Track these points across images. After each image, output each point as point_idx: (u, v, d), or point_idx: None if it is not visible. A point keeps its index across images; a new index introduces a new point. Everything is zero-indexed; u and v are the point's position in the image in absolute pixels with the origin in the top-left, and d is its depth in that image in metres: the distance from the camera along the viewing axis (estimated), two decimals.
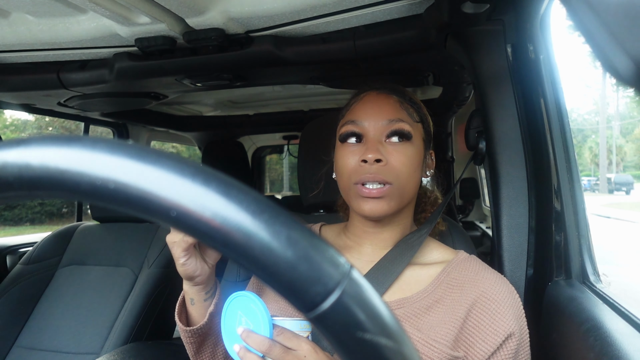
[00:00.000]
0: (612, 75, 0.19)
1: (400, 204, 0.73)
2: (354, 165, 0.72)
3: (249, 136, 3.23)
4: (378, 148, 0.71)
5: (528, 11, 0.80)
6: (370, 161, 0.70)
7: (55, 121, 10.42)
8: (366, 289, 0.22)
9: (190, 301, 0.73)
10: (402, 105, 0.75)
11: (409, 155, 0.73)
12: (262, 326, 0.61)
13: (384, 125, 0.73)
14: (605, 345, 0.53)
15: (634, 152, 36.91)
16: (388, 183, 0.70)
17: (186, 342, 0.75)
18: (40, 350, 1.53)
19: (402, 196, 0.73)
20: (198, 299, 0.72)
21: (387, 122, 0.73)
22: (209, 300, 0.73)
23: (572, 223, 0.76)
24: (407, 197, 0.74)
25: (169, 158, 0.22)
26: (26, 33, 1.01)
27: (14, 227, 9.63)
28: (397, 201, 0.72)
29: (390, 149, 0.72)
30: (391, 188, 0.70)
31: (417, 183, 0.76)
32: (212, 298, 0.73)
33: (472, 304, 0.67)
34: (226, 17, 0.92)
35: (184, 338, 0.74)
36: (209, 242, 0.21)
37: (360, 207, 0.72)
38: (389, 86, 0.79)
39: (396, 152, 0.72)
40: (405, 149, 0.73)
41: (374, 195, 0.70)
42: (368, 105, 0.76)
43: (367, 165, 0.70)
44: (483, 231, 2.60)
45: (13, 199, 0.23)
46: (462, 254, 0.76)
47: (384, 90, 0.77)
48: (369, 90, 0.79)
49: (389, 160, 0.71)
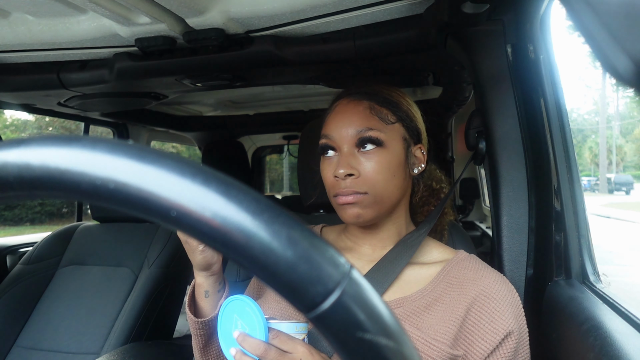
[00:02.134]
0: (612, 75, 0.19)
1: (381, 210, 0.73)
2: (331, 180, 0.74)
3: (249, 136, 3.23)
4: (349, 162, 0.71)
5: (528, 11, 0.80)
6: (340, 177, 0.71)
7: (55, 121, 10.42)
8: (366, 289, 0.22)
9: (205, 294, 0.73)
10: (373, 111, 0.74)
11: (383, 162, 0.72)
12: (257, 329, 0.61)
13: (353, 136, 0.73)
14: (605, 345, 0.53)
15: (634, 152, 36.92)
16: (363, 194, 0.71)
17: (195, 334, 0.75)
18: (40, 350, 1.53)
19: (380, 203, 0.73)
20: (213, 291, 0.73)
21: (356, 132, 0.73)
22: (221, 292, 0.74)
23: (572, 223, 0.76)
24: (389, 202, 0.74)
25: (169, 158, 0.22)
26: (26, 33, 1.01)
27: (14, 227, 9.63)
28: (375, 208, 0.72)
29: (362, 159, 0.72)
30: (366, 197, 0.71)
31: (399, 186, 0.75)
32: (223, 290, 0.75)
33: (472, 303, 0.67)
34: (226, 17, 0.92)
35: (194, 330, 0.74)
36: (209, 242, 0.21)
37: (341, 215, 0.74)
38: (363, 90, 0.77)
39: (368, 162, 0.72)
40: (378, 156, 0.72)
41: (349, 202, 0.71)
42: (337, 117, 0.76)
43: (340, 180, 0.71)
44: (483, 231, 2.60)
45: (13, 199, 0.23)
46: (462, 253, 0.76)
47: (356, 96, 0.77)
48: (341, 97, 0.79)
49: (361, 171, 0.71)
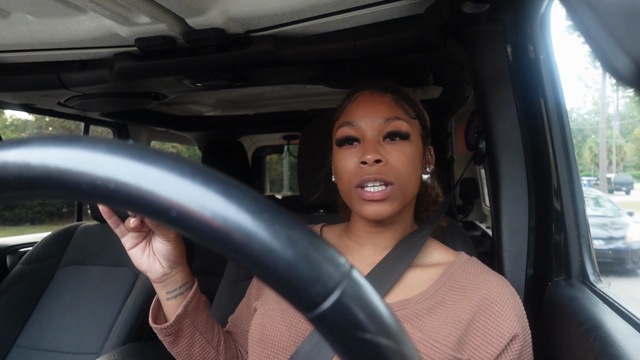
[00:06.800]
0: (612, 75, 0.19)
1: (403, 204, 0.73)
2: (353, 168, 0.71)
3: (249, 136, 3.23)
4: (377, 148, 0.70)
5: (528, 11, 0.80)
6: (369, 162, 0.69)
7: (55, 121, 10.41)
8: (366, 289, 0.22)
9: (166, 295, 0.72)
10: (398, 103, 0.74)
11: (408, 154, 0.72)
12: None
13: (381, 125, 0.72)
14: (605, 345, 0.53)
15: (634, 152, 36.88)
16: (389, 183, 0.69)
17: (159, 336, 0.74)
18: (40, 350, 1.53)
19: (404, 196, 0.72)
20: (160, 296, 0.72)
21: (384, 121, 0.72)
22: (173, 301, 0.72)
23: (572, 223, 0.76)
24: (409, 196, 0.74)
25: (169, 158, 0.21)
26: (26, 33, 1.01)
27: (14, 227, 9.62)
28: (400, 201, 0.71)
29: (388, 148, 0.71)
30: (393, 188, 0.70)
31: (418, 181, 0.75)
32: (178, 300, 0.72)
33: (478, 309, 0.67)
34: (226, 17, 0.92)
35: (155, 331, 0.74)
36: (209, 242, 0.21)
37: (363, 210, 0.71)
38: (383, 84, 0.77)
39: (395, 151, 0.71)
40: (404, 147, 0.72)
41: (377, 198, 0.69)
42: (363, 105, 0.74)
43: (367, 167, 0.69)
44: (483, 231, 2.60)
45: (13, 199, 0.23)
46: (463, 256, 0.76)
47: (378, 89, 0.76)
48: (362, 89, 0.78)
49: (388, 159, 0.70)
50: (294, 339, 0.71)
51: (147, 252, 0.69)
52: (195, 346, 0.75)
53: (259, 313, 0.77)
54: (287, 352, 0.70)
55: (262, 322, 0.75)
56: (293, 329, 0.71)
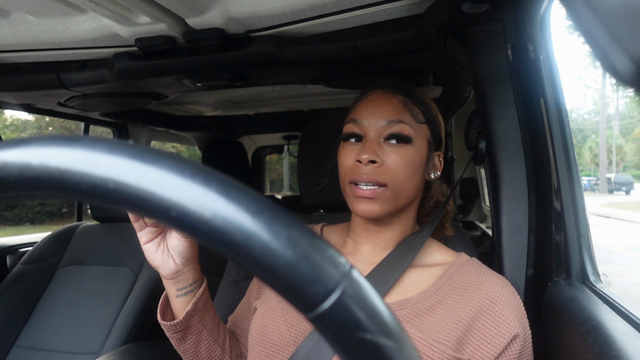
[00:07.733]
0: (612, 75, 0.19)
1: (395, 207, 0.73)
2: (350, 165, 0.73)
3: (249, 136, 3.23)
4: (374, 149, 0.71)
5: (528, 11, 0.80)
6: (364, 162, 0.70)
7: (55, 121, 10.42)
8: (366, 288, 0.22)
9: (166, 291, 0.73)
10: (406, 106, 0.75)
11: (408, 158, 0.72)
12: None
13: (384, 126, 0.73)
14: (605, 345, 0.53)
15: (634, 152, 36.90)
16: (382, 185, 0.70)
17: (167, 334, 0.74)
18: (40, 350, 1.53)
19: (396, 199, 0.72)
20: (170, 293, 0.72)
21: (387, 122, 0.73)
22: (183, 298, 0.71)
23: (572, 223, 0.76)
24: (404, 200, 0.74)
25: (169, 158, 0.22)
26: (26, 33, 1.01)
27: (14, 227, 9.63)
28: (391, 204, 0.72)
29: (387, 150, 0.72)
30: (385, 190, 0.70)
31: (416, 185, 0.75)
32: (188, 298, 0.72)
33: (479, 309, 0.67)
34: (226, 17, 0.92)
35: (163, 328, 0.74)
36: (209, 242, 0.21)
37: (353, 206, 0.72)
38: (396, 85, 0.78)
39: (394, 154, 0.72)
40: (404, 151, 0.72)
41: (366, 196, 0.70)
42: (370, 104, 0.75)
43: (362, 166, 0.70)
44: (483, 231, 2.60)
45: (13, 199, 0.23)
46: (464, 257, 0.76)
47: (390, 90, 0.77)
48: (374, 88, 0.79)
49: (384, 161, 0.71)
50: (294, 339, 0.71)
51: (162, 247, 0.68)
52: (202, 344, 0.76)
53: (259, 312, 0.77)
54: (287, 352, 0.70)
55: (262, 322, 0.75)
56: (293, 329, 0.72)
